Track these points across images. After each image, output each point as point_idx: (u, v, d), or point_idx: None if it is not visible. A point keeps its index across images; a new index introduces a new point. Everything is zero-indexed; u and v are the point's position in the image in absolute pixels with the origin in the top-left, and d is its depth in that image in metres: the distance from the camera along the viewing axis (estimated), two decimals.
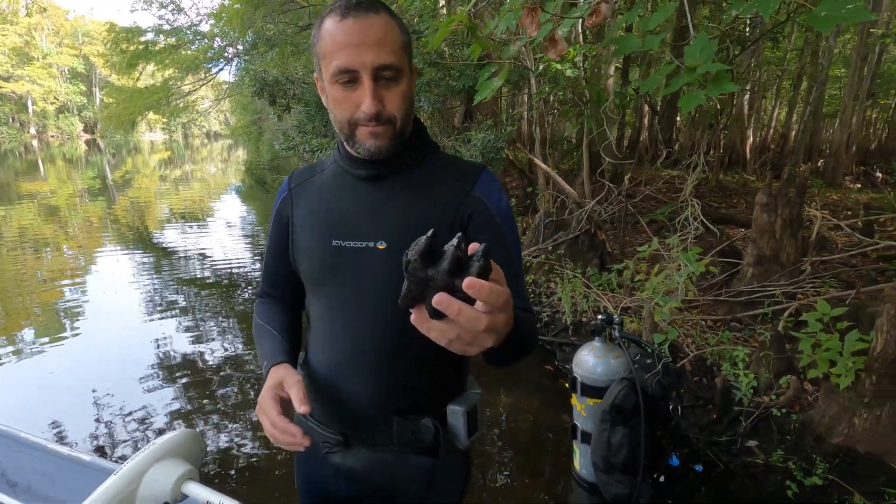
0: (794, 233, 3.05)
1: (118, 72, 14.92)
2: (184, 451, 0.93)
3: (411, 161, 0.84)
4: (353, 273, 0.83)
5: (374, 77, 0.73)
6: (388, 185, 0.83)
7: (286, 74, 5.86)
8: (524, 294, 0.84)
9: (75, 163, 22.46)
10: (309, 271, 0.88)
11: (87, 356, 3.58)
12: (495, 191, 0.84)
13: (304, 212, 0.89)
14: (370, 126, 0.76)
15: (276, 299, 1.00)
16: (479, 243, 0.63)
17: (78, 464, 1.35)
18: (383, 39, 0.73)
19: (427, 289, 0.46)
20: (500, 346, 0.56)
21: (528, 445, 2.63)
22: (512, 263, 0.81)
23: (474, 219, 0.82)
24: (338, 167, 0.87)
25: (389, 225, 0.81)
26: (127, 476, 0.84)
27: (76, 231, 7.90)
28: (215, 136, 59.00)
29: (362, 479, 0.91)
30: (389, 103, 0.76)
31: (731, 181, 8.61)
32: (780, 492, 1.99)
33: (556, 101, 7.01)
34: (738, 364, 2.54)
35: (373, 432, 0.88)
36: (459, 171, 0.85)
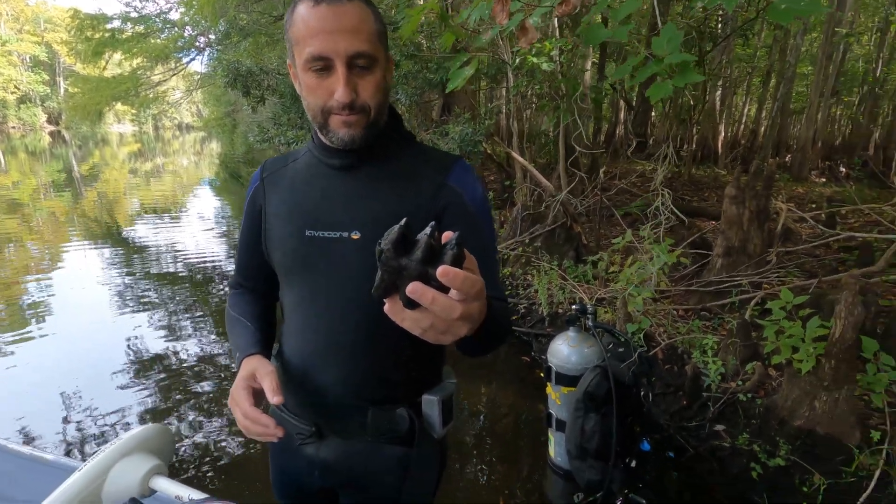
0: (761, 224, 3.15)
1: (83, 60, 14.37)
2: (152, 445, 0.91)
3: (386, 151, 0.83)
4: (326, 263, 0.82)
5: (348, 65, 0.72)
6: (362, 175, 0.82)
7: (260, 65, 5.75)
8: (498, 283, 0.84)
9: (39, 155, 21.58)
10: (282, 261, 0.87)
11: (54, 354, 3.47)
12: (470, 181, 0.84)
13: (276, 201, 0.88)
14: (343, 115, 0.75)
15: (250, 290, 0.99)
16: None
17: (40, 463, 1.30)
18: (358, 27, 0.72)
19: (400, 278, 0.45)
20: (474, 334, 0.56)
21: (505, 435, 2.67)
22: (486, 253, 0.81)
23: (449, 209, 0.81)
24: (312, 156, 0.86)
25: (363, 215, 0.80)
26: (92, 472, 0.83)
27: (41, 226, 7.62)
28: (187, 128, 57.49)
29: (336, 469, 0.90)
30: (363, 92, 0.75)
31: (702, 175, 8.81)
32: (746, 473, 2.06)
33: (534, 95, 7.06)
34: (707, 352, 2.62)
35: (347, 423, 0.87)
36: (435, 161, 0.85)
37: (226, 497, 0.82)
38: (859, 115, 13.83)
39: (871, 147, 11.61)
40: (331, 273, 0.82)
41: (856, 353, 2.00)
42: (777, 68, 11.63)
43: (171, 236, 7.00)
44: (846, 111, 15.87)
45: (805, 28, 9.42)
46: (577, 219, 4.35)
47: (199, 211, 9.41)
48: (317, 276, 0.83)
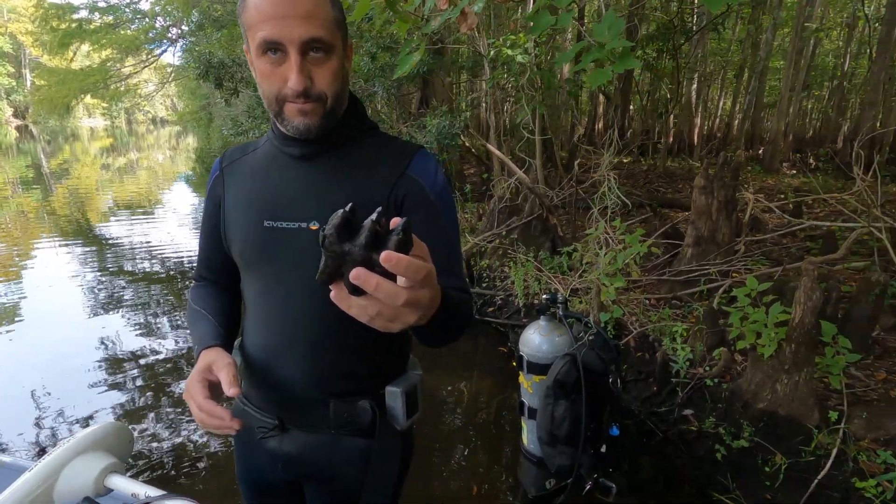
0: (729, 214, 3.23)
1: (49, 52, 13.89)
2: (108, 443, 0.89)
3: (346, 140, 0.82)
4: (285, 254, 0.81)
5: (302, 51, 0.70)
6: (321, 165, 0.81)
7: (233, 57, 5.63)
8: (460, 273, 0.83)
9: (5, 150, 20.84)
10: (241, 253, 0.86)
11: (23, 354, 3.38)
12: (430, 170, 0.83)
13: (234, 192, 0.86)
14: (298, 103, 0.73)
15: (212, 282, 0.97)
16: (415, 223, 0.64)
17: None
18: (312, 12, 0.69)
19: (345, 264, 0.44)
20: (427, 324, 0.54)
21: (481, 424, 2.69)
22: (448, 242, 0.81)
23: (409, 199, 0.80)
24: (271, 146, 0.85)
25: (322, 205, 0.79)
26: (42, 472, 0.81)
27: (8, 223, 7.37)
28: (162, 122, 56.09)
29: (299, 462, 0.90)
30: (319, 80, 0.73)
31: (677, 167, 8.97)
32: (711, 455, 2.13)
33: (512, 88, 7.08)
34: (676, 339, 2.68)
35: (309, 415, 0.87)
36: (395, 151, 0.83)
37: (190, 494, 0.82)
38: (829, 109, 14.23)
39: (839, 140, 11.96)
40: (290, 264, 0.81)
41: (815, 336, 2.07)
42: (749, 63, 11.87)
43: (145, 233, 6.85)
44: (817, 105, 16.31)
45: (775, 23, 9.61)
46: (553, 211, 4.39)
47: (174, 207, 9.22)
48: (276, 267, 0.82)
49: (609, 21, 0.86)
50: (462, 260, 0.90)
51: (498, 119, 6.42)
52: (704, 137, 13.09)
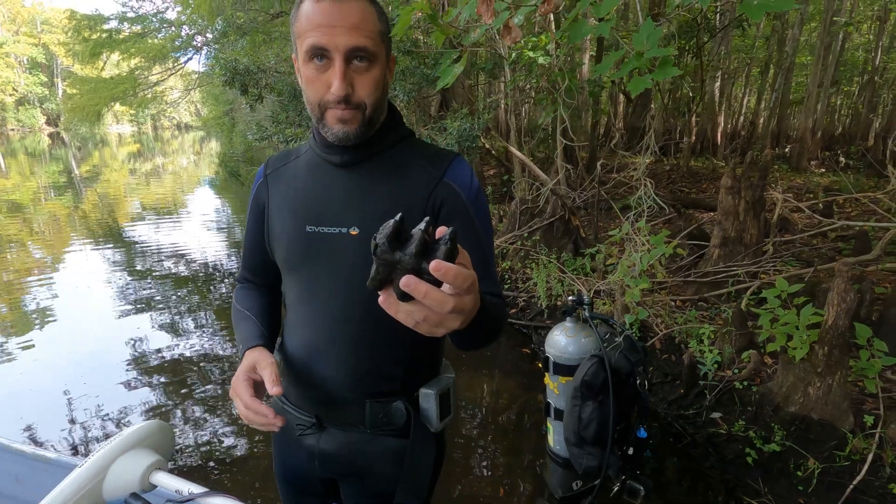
0: (757, 214, 3.18)
1: (81, 61, 14.38)
2: (152, 441, 0.92)
3: (385, 148, 0.84)
4: (326, 259, 0.84)
5: (346, 59, 0.74)
6: (361, 171, 0.84)
7: (257, 63, 5.75)
8: (495, 279, 0.86)
9: (38, 157, 21.62)
10: (284, 256, 0.89)
11: (58, 355, 3.50)
12: (467, 177, 0.85)
13: (278, 198, 0.90)
14: (339, 109, 0.76)
15: (255, 284, 1.01)
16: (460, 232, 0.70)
17: (42, 462, 1.32)
18: (359, 24, 0.73)
19: (395, 271, 0.46)
20: (467, 328, 0.57)
21: (506, 425, 2.70)
22: (482, 249, 0.83)
23: (446, 205, 0.82)
24: (312, 153, 0.88)
25: (362, 211, 0.82)
26: (92, 468, 0.84)
27: (42, 228, 7.65)
28: (186, 127, 57.44)
29: (335, 460, 0.93)
30: (360, 88, 0.76)
31: (700, 167, 8.82)
32: (741, 459, 2.10)
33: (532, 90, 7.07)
34: (703, 341, 2.65)
35: (346, 414, 0.89)
36: (432, 157, 0.85)
37: (226, 492, 0.84)
38: (859, 105, 13.81)
39: (871, 137, 11.60)
40: (331, 268, 0.84)
41: (849, 339, 2.03)
42: (775, 59, 11.61)
43: (171, 236, 7.03)
44: (846, 101, 15.84)
45: (802, 18, 9.39)
46: (575, 212, 4.37)
47: (199, 210, 9.44)
48: (318, 271, 0.85)
49: (647, 30, 0.87)
50: (495, 265, 0.91)
51: (518, 120, 6.42)
52: (728, 136, 12.84)
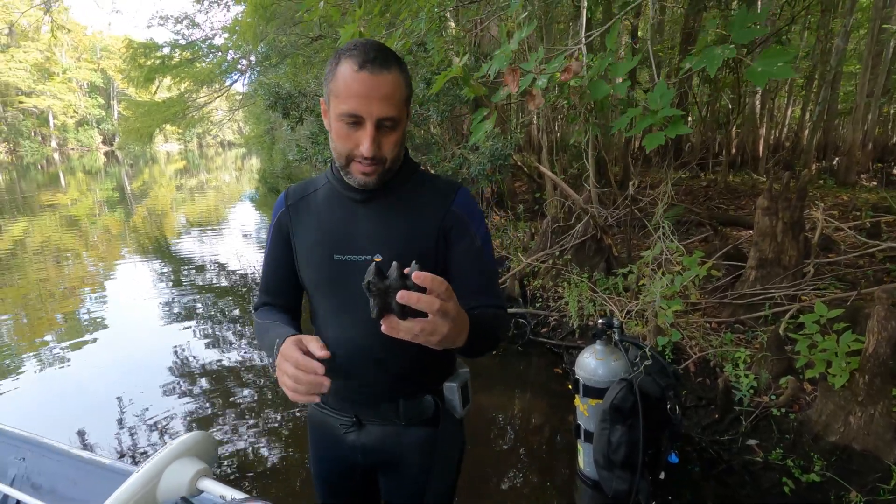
0: (796, 235, 3.11)
1: (136, 86, 15.36)
2: (198, 450, 1.02)
3: (398, 184, 0.96)
4: (354, 282, 0.91)
5: (377, 125, 0.85)
6: (379, 206, 0.96)
7: (299, 87, 6.03)
8: (497, 292, 0.99)
9: (95, 174, 23.04)
10: (315, 281, 1.01)
11: (109, 363, 3.73)
12: (470, 205, 1.00)
13: (304, 229, 1.00)
14: (364, 165, 0.88)
15: (277, 306, 1.07)
16: (459, 251, 0.95)
17: (98, 467, 1.42)
18: (390, 95, 0.84)
19: (389, 296, 0.61)
20: (467, 340, 0.75)
21: (537, 445, 2.72)
22: (484, 266, 0.99)
23: (453, 230, 0.96)
24: (331, 188, 0.99)
25: (384, 240, 0.94)
26: (147, 474, 0.93)
27: (96, 241, 8.16)
28: (229, 145, 59.96)
29: (375, 450, 1.05)
30: (385, 147, 0.88)
31: (739, 183, 8.58)
32: (778, 488, 2.05)
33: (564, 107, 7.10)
34: (739, 365, 2.61)
35: (382, 412, 1.02)
36: (440, 189, 0.99)
37: (264, 498, 0.92)
38: None
39: None
40: (359, 291, 0.93)
41: (891, 367, 1.97)
42: (820, 70, 11.22)
43: (214, 249, 7.38)
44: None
45: (847, 30, 9.09)
46: (608, 230, 4.36)
47: (240, 224, 9.86)
48: (347, 294, 0.96)
49: (661, 90, 0.94)
50: (498, 279, 1.05)
51: (550, 137, 6.46)
52: (770, 149, 12.43)
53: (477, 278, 0.98)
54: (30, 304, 5.00)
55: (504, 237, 5.81)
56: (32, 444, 1.54)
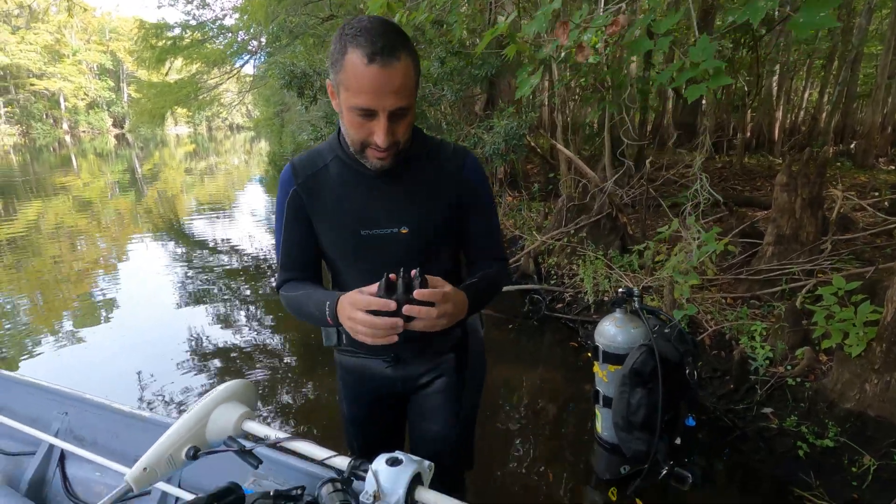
0: (815, 212, 3.11)
1: (148, 67, 15.39)
2: (241, 396, 1.07)
3: (411, 155, 1.00)
4: (382, 253, 1.02)
5: (390, 117, 0.86)
6: (397, 179, 1.00)
7: (313, 66, 6.04)
8: (499, 245, 1.14)
9: (106, 157, 23.20)
10: (341, 256, 1.07)
11: (120, 339, 3.77)
12: (479, 172, 1.08)
13: (323, 207, 1.03)
14: (379, 153, 0.91)
15: (302, 279, 1.10)
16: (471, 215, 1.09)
17: (138, 420, 1.48)
18: (402, 86, 0.84)
19: (398, 308, 0.83)
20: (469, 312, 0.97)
21: (554, 413, 2.79)
22: (490, 225, 1.11)
23: (465, 196, 1.06)
24: (344, 164, 1.01)
25: (408, 213, 1.01)
26: (198, 415, 0.99)
27: (108, 222, 8.27)
28: (238, 128, 59.99)
29: (413, 378, 1.18)
30: (399, 133, 0.90)
31: (755, 164, 8.50)
32: (792, 452, 2.11)
33: (578, 87, 7.05)
34: (755, 338, 2.64)
35: (418, 348, 1.15)
36: (449, 158, 1.05)
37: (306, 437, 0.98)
38: None
39: None
40: (387, 259, 1.00)
41: None
42: (840, 50, 10.98)
43: (224, 230, 7.46)
44: None
45: (871, 7, 8.87)
46: (623, 209, 4.37)
47: (249, 206, 9.94)
48: (375, 264, 0.99)
49: (703, 44, 0.96)
50: (500, 234, 1.19)
51: (564, 118, 6.43)
52: (787, 132, 12.25)
53: (486, 239, 1.11)
54: (45, 285, 5.05)
55: (518, 217, 5.84)
56: (74, 399, 1.60)
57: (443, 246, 1.09)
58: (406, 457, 0.81)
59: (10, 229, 7.36)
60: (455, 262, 1.17)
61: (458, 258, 1.19)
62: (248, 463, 0.96)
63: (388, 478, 0.79)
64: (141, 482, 0.92)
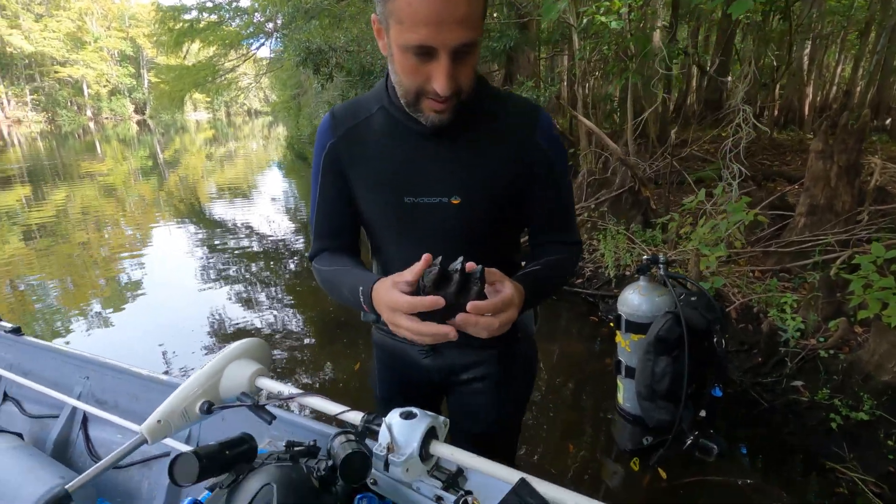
0: (851, 181, 2.96)
1: (166, 51, 15.48)
2: (254, 354, 1.06)
3: (470, 110, 0.82)
4: (428, 226, 0.87)
5: (453, 56, 0.69)
6: (452, 139, 0.83)
7: (329, 42, 5.97)
8: (572, 227, 0.96)
9: (128, 143, 23.57)
10: (381, 225, 0.91)
11: (145, 318, 3.83)
12: (553, 134, 0.88)
13: (363, 166, 0.88)
14: (438, 104, 0.74)
15: (337, 249, 0.97)
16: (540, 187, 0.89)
17: (157, 382, 1.49)
18: (467, 14, 0.66)
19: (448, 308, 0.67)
20: None
21: (575, 389, 2.74)
22: (563, 202, 0.92)
23: (536, 166, 0.86)
24: (391, 117, 0.85)
25: (461, 179, 0.84)
26: (212, 370, 0.98)
27: (132, 207, 8.39)
28: (256, 113, 60.42)
29: (453, 371, 1.05)
30: (462, 78, 0.73)
31: (786, 139, 8.18)
32: (823, 425, 2.03)
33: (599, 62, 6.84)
34: (785, 310, 2.54)
35: (460, 338, 0.99)
36: (518, 115, 0.85)
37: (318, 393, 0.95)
38: None
39: None
40: (433, 233, 0.87)
41: None
42: (878, 19, 10.42)
43: (243, 214, 7.52)
44: None
45: None
46: (646, 183, 4.25)
47: (269, 191, 9.99)
48: (420, 235, 0.88)
49: None
50: (573, 211, 0.98)
51: (584, 93, 6.26)
52: (817, 109, 11.75)
53: (555, 218, 0.93)
54: (74, 268, 5.15)
55: None
56: (95, 363, 1.62)
57: (500, 222, 0.91)
58: (420, 411, 0.79)
59: (41, 214, 7.53)
60: (513, 241, 1.00)
61: (517, 237, 1.01)
62: (262, 418, 0.94)
63: (401, 431, 0.77)
64: (155, 434, 0.91)
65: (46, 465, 1.28)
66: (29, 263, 5.18)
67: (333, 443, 0.80)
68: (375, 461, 0.76)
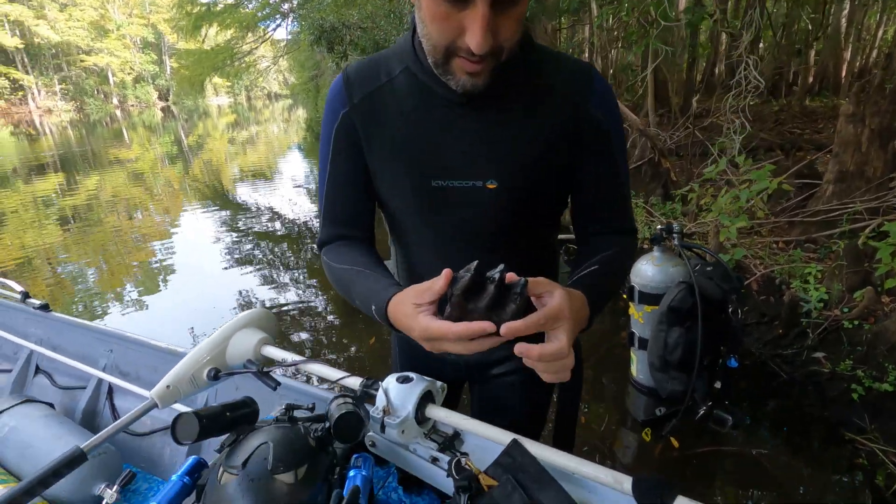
0: (884, 144, 2.81)
1: (185, 34, 15.62)
2: (260, 324, 1.09)
3: (511, 74, 0.68)
4: (459, 213, 0.74)
5: (493, 3, 0.55)
6: (488, 109, 0.69)
7: (342, 20, 5.92)
8: (628, 212, 0.81)
9: (154, 129, 24.03)
10: (403, 211, 0.78)
11: (177, 300, 3.97)
12: (611, 102, 0.73)
13: (382, 139, 0.74)
14: (471, 63, 0.60)
15: (352, 239, 0.83)
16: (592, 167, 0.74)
17: (176, 355, 1.54)
18: None
19: (467, 315, 0.55)
20: None
21: (588, 362, 2.74)
22: (619, 186, 0.77)
23: (588, 144, 0.72)
24: (416, 81, 0.71)
25: (498, 160, 0.70)
26: (218, 338, 1.02)
27: (160, 193, 8.58)
28: (276, 96, 60.68)
29: (480, 365, 0.96)
30: (504, 33, 0.59)
31: (818, 105, 7.80)
32: (845, 397, 1.98)
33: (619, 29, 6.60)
34: (809, 280, 2.47)
35: None
36: (568, 80, 0.71)
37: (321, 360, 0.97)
38: None
39: None
40: (465, 221, 0.75)
41: None
42: None
43: (267, 198, 7.61)
44: None
45: None
46: (666, 154, 4.13)
47: (290, 173, 10.08)
48: (449, 223, 0.76)
49: None
50: (629, 194, 0.83)
51: (604, 63, 6.07)
52: (856, 74, 11.14)
53: (609, 203, 0.77)
54: (108, 253, 5.31)
55: None
56: (118, 337, 1.70)
57: (542, 211, 0.78)
58: (417, 375, 0.80)
59: (74, 200, 7.79)
60: (554, 226, 0.87)
61: (559, 220, 0.86)
62: (266, 384, 0.97)
63: (398, 394, 0.78)
64: (165, 398, 0.96)
65: (74, 432, 1.36)
66: (65, 247, 5.39)
67: (331, 406, 0.82)
68: (372, 423, 0.78)
